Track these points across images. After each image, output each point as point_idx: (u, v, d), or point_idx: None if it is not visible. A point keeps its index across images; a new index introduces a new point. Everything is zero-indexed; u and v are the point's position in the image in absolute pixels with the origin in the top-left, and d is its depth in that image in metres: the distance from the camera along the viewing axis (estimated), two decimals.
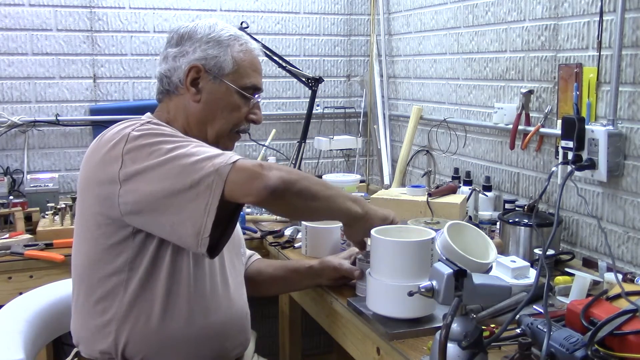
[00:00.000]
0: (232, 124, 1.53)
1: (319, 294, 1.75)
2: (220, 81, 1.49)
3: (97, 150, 1.36)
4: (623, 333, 1.16)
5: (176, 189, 1.28)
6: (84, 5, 2.73)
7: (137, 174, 1.30)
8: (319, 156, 3.22)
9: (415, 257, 1.40)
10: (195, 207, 1.27)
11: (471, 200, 2.24)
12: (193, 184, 1.27)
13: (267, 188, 1.27)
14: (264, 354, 1.82)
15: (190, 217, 1.28)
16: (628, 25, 1.73)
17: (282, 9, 3.07)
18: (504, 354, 1.28)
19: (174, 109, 1.50)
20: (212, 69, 1.48)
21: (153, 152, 1.31)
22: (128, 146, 1.32)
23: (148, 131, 1.35)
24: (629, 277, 1.59)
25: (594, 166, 1.77)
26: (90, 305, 1.40)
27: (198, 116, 1.49)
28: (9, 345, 1.43)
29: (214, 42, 1.49)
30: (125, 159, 1.31)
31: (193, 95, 1.48)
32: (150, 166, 1.29)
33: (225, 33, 1.51)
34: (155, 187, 1.29)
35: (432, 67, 2.75)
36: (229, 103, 1.51)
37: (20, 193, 2.59)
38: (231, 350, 1.53)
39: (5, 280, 2.09)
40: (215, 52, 1.48)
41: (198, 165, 1.28)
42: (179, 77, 1.48)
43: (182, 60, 1.48)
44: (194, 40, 1.49)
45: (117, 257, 1.37)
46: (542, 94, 2.10)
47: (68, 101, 2.77)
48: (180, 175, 1.28)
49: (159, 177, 1.29)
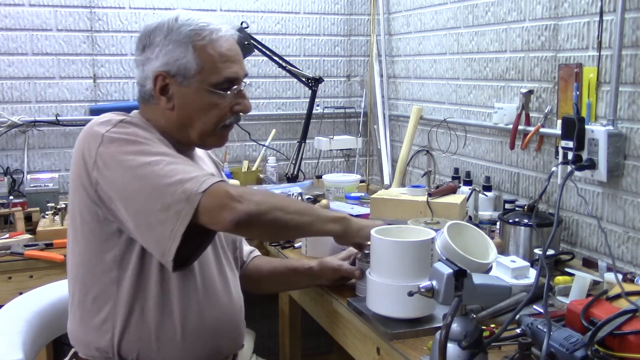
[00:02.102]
0: (213, 123, 1.45)
1: (319, 294, 1.75)
2: (188, 83, 1.41)
3: (78, 146, 1.36)
4: (623, 333, 1.16)
5: (145, 209, 1.28)
6: (84, 5, 2.73)
7: (107, 182, 1.31)
8: (319, 156, 3.22)
9: (415, 257, 1.40)
10: (161, 230, 1.27)
11: (471, 200, 2.23)
12: (162, 208, 1.27)
13: (233, 221, 1.27)
14: (264, 354, 1.82)
15: (156, 239, 1.29)
16: (628, 25, 1.73)
17: (282, 9, 3.07)
18: (504, 354, 1.28)
19: (153, 116, 1.46)
20: (177, 73, 1.40)
21: (125, 164, 1.29)
22: (101, 149, 1.31)
23: (122, 136, 1.32)
24: (629, 277, 1.59)
25: (594, 166, 1.77)
26: (86, 305, 1.40)
27: (176, 122, 1.44)
28: (8, 345, 1.43)
29: (173, 44, 1.40)
30: (98, 162, 1.31)
31: (165, 103, 1.42)
32: (121, 180, 1.29)
33: (185, 29, 1.41)
34: (125, 202, 1.30)
35: (432, 67, 2.75)
36: (203, 104, 1.43)
37: (20, 193, 2.59)
38: (226, 347, 1.52)
39: (5, 280, 2.09)
40: (176, 55, 1.39)
41: (170, 189, 1.27)
42: (149, 86, 1.42)
43: (147, 68, 1.42)
44: (154, 45, 1.41)
45: (106, 254, 1.37)
46: (542, 94, 2.10)
47: (68, 101, 2.77)
48: (151, 197, 1.27)
49: (130, 193, 1.29)
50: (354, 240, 1.53)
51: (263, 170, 2.98)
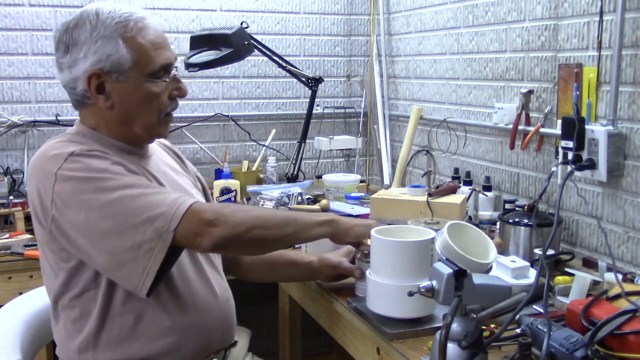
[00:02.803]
0: (157, 113, 1.41)
1: (319, 294, 1.75)
2: (125, 78, 1.35)
3: (32, 181, 1.32)
4: (623, 333, 1.16)
5: (114, 249, 1.26)
6: (84, 5, 2.73)
7: (69, 222, 1.28)
8: (319, 156, 3.22)
9: (415, 257, 1.40)
10: (133, 267, 1.26)
11: (471, 200, 2.24)
12: (133, 247, 1.25)
13: (210, 246, 1.29)
14: (264, 354, 1.82)
15: (128, 276, 1.27)
16: (628, 25, 1.73)
17: (282, 9, 3.07)
18: (504, 354, 1.28)
19: (94, 118, 1.41)
20: (111, 69, 1.34)
21: (87, 204, 1.26)
22: (57, 188, 1.27)
23: (77, 173, 1.27)
24: (629, 277, 1.59)
25: (594, 166, 1.77)
26: (67, 326, 1.39)
27: (118, 120, 1.39)
28: (6, 346, 1.42)
29: (102, 40, 1.33)
30: (57, 202, 1.27)
31: (104, 102, 1.37)
32: (85, 221, 1.26)
33: (110, 22, 1.35)
34: (92, 242, 1.27)
35: (432, 67, 2.75)
36: (144, 96, 1.38)
37: (20, 193, 2.59)
38: (215, 342, 1.51)
39: (5, 280, 2.09)
40: (107, 50, 1.33)
41: (139, 229, 1.24)
42: (82, 87, 1.36)
43: (77, 69, 1.35)
44: (80, 44, 1.34)
45: (78, 278, 1.35)
46: (542, 94, 2.10)
47: (68, 101, 2.69)
48: (120, 237, 1.25)
49: (96, 233, 1.26)
50: (346, 240, 1.52)
51: (263, 170, 2.98)
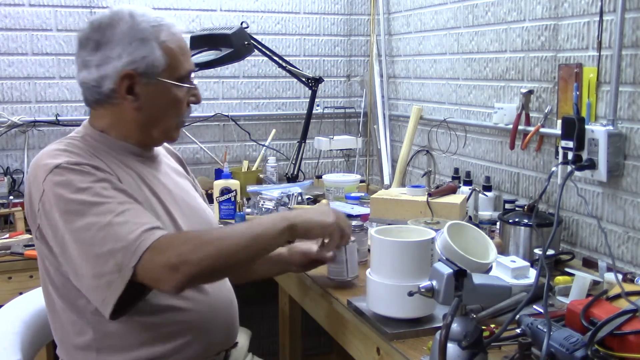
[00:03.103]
0: (177, 117, 1.44)
1: (319, 294, 1.75)
2: (156, 81, 1.36)
3: (28, 183, 1.34)
4: (623, 333, 1.16)
5: (80, 271, 1.27)
6: (84, 5, 2.73)
7: (48, 235, 1.30)
8: (319, 156, 3.22)
9: (415, 257, 1.40)
10: (94, 295, 1.26)
11: (471, 200, 2.24)
12: (95, 275, 1.24)
13: (175, 290, 1.24)
14: (264, 354, 1.82)
15: (91, 298, 1.28)
16: (628, 25, 1.73)
17: (282, 9, 3.07)
18: (504, 354, 1.28)
19: (109, 119, 1.41)
20: (145, 71, 1.35)
21: (60, 225, 1.26)
22: (44, 199, 1.28)
23: (57, 190, 1.27)
24: (629, 277, 1.59)
25: (594, 166, 1.77)
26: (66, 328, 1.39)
27: (140, 122, 1.40)
28: (6, 346, 1.42)
29: (137, 41, 1.34)
30: (41, 211, 1.29)
31: (131, 103, 1.37)
32: (61, 238, 1.27)
33: (146, 25, 1.35)
34: (64, 259, 1.29)
35: (432, 67, 2.75)
36: (170, 100, 1.40)
37: (20, 193, 2.59)
38: (217, 343, 1.50)
39: (5, 280, 2.09)
40: (143, 52, 1.34)
41: (100, 259, 1.23)
42: (109, 87, 1.35)
43: (107, 68, 1.34)
44: (114, 43, 1.34)
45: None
46: (542, 94, 2.10)
47: (68, 101, 2.77)
48: (85, 263, 1.25)
49: (67, 253, 1.27)
50: (309, 239, 1.51)
51: (263, 170, 2.98)
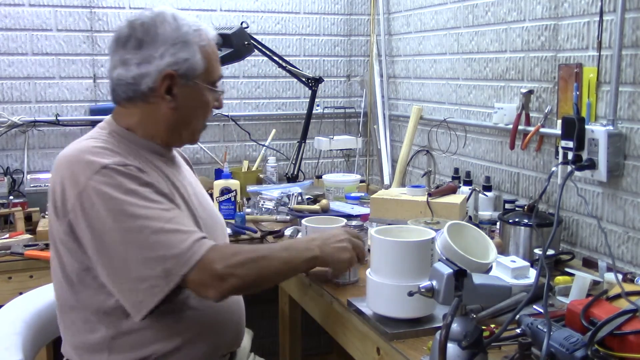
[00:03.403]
0: (205, 120, 1.49)
1: (319, 294, 1.75)
2: (193, 83, 1.40)
3: (56, 179, 1.33)
4: (623, 333, 1.16)
5: (118, 273, 1.27)
6: (84, 5, 2.73)
7: (84, 233, 1.28)
8: (319, 156, 3.22)
9: (415, 257, 1.40)
10: (130, 297, 1.28)
11: (471, 200, 2.23)
12: (137, 279, 1.26)
13: (218, 299, 1.30)
14: (264, 354, 1.82)
15: (123, 299, 1.29)
16: (628, 25, 1.73)
17: (282, 9, 3.07)
18: (504, 354, 1.28)
19: (140, 117, 1.42)
20: (184, 73, 1.38)
21: (106, 223, 1.26)
22: (83, 197, 1.27)
23: (106, 189, 1.27)
24: (629, 277, 1.59)
25: (594, 166, 1.77)
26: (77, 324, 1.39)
27: (172, 122, 1.42)
28: (8, 346, 1.42)
29: (181, 43, 1.37)
30: (76, 209, 1.28)
31: (168, 103, 1.39)
32: (97, 239, 1.27)
33: (189, 29, 1.39)
34: (99, 259, 1.28)
35: (432, 67, 2.75)
36: (202, 102, 1.44)
37: (20, 193, 2.59)
38: (226, 344, 1.52)
39: (5, 280, 2.09)
40: (185, 55, 1.37)
41: (149, 263, 1.25)
42: (148, 85, 1.37)
43: (148, 67, 1.36)
44: (158, 43, 1.36)
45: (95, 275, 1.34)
46: (542, 94, 2.10)
47: (68, 101, 2.77)
48: (128, 264, 1.26)
49: (106, 251, 1.27)
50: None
51: (263, 170, 2.98)
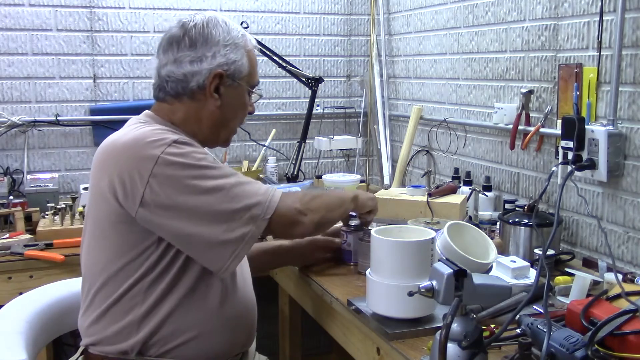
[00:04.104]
0: (240, 123, 1.58)
1: (319, 294, 1.75)
2: (238, 84, 1.49)
3: (120, 163, 1.34)
4: (623, 333, 1.16)
5: (207, 231, 1.33)
6: (84, 5, 2.74)
7: (161, 207, 1.32)
8: (319, 156, 3.22)
9: (415, 257, 1.40)
10: (221, 250, 1.34)
11: (471, 200, 2.23)
12: (227, 230, 1.33)
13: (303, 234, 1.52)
14: (264, 354, 1.82)
15: (214, 258, 1.35)
16: (628, 25, 1.73)
17: (282, 9, 3.07)
18: (504, 354, 1.28)
19: (184, 113, 1.47)
20: (232, 74, 1.47)
21: (187, 189, 1.32)
22: (157, 170, 1.31)
23: (180, 159, 1.33)
24: (629, 277, 1.59)
25: (594, 166, 1.77)
26: (111, 308, 1.40)
27: (214, 121, 1.49)
28: (10, 346, 1.42)
29: (232, 46, 1.47)
30: (152, 183, 1.31)
31: (215, 101, 1.47)
32: (181, 205, 1.32)
33: (237, 33, 1.49)
34: (183, 222, 1.32)
35: (432, 67, 2.75)
36: (243, 105, 1.53)
37: (20, 193, 2.59)
38: (241, 342, 1.54)
39: (5, 280, 2.09)
40: (234, 56, 1.47)
41: (237, 215, 1.35)
42: (197, 83, 1.44)
43: (201, 65, 1.44)
44: (211, 44, 1.45)
45: (143, 262, 1.37)
46: (542, 94, 2.10)
47: (68, 101, 2.77)
48: (216, 220, 1.33)
49: (191, 215, 1.32)
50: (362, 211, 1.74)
51: (263, 170, 2.98)
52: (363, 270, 1.68)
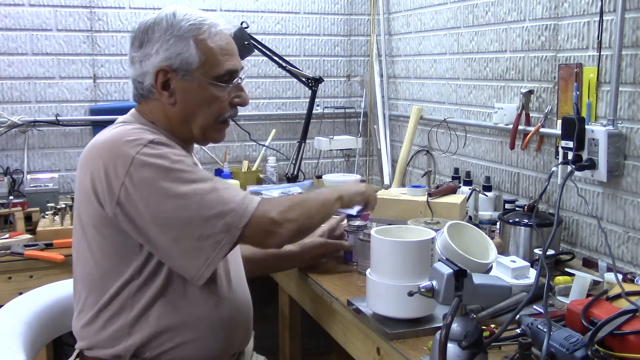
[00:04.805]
0: (215, 116, 1.47)
1: (319, 294, 1.75)
2: (191, 77, 1.41)
3: (99, 161, 1.34)
4: (623, 333, 1.16)
5: (181, 237, 1.31)
6: (84, 5, 2.73)
7: (137, 207, 1.30)
8: (319, 156, 3.22)
9: (415, 257, 1.40)
10: (196, 257, 1.31)
11: (471, 200, 2.23)
12: (201, 237, 1.30)
13: (279, 245, 1.41)
14: (264, 354, 1.82)
15: (188, 265, 1.33)
16: (628, 25, 1.73)
17: (282, 9, 3.07)
18: (504, 354, 1.28)
19: (154, 112, 1.46)
20: (179, 67, 1.40)
21: (161, 191, 1.30)
22: (132, 171, 1.30)
23: (156, 160, 1.31)
24: (629, 277, 1.59)
25: (594, 166, 1.77)
26: (101, 312, 1.39)
27: (178, 117, 1.44)
28: (10, 346, 1.42)
29: (174, 38, 1.40)
30: (127, 185, 1.30)
31: (167, 98, 1.42)
32: (156, 207, 1.30)
33: (185, 23, 1.41)
34: (159, 227, 1.30)
35: (432, 67, 2.75)
36: (205, 97, 1.44)
37: (20, 193, 2.59)
38: (237, 342, 1.53)
39: (5, 280, 2.09)
40: (178, 49, 1.39)
41: (210, 221, 1.30)
42: (149, 82, 1.42)
43: (147, 64, 1.41)
44: (153, 41, 1.40)
45: (127, 265, 1.36)
46: (542, 94, 2.10)
47: (68, 101, 2.77)
48: (189, 226, 1.30)
49: (165, 220, 1.30)
50: (352, 207, 1.66)
51: (263, 170, 2.98)
52: (363, 270, 1.68)
